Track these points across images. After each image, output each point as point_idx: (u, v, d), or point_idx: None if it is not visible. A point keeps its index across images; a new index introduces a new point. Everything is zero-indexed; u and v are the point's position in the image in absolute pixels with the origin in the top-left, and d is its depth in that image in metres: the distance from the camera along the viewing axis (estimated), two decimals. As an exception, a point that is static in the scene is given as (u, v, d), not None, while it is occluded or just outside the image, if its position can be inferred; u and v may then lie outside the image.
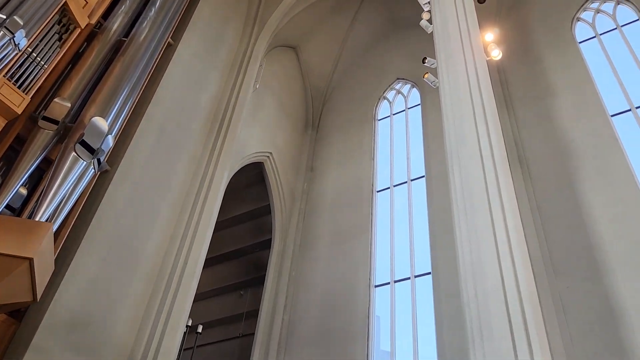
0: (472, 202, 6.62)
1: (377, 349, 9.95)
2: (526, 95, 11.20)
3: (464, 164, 7.15)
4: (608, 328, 7.41)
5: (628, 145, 9.28)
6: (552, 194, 9.32)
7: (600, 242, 8.28)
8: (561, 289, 8.08)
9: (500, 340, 5.06)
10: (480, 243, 6.06)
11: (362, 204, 11.99)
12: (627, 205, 8.44)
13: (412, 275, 10.16)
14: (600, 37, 11.35)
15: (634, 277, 7.68)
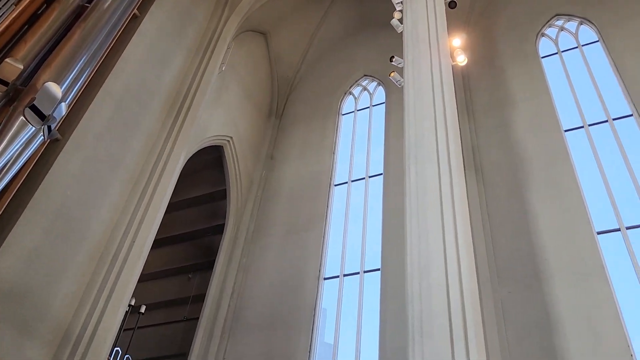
0: (424, 203, 6.73)
1: (321, 341, 10.02)
2: (487, 103, 11.46)
3: (420, 165, 7.26)
4: (544, 334, 7.69)
5: (577, 161, 9.64)
6: (503, 201, 9.58)
7: (543, 251, 8.58)
8: (503, 293, 8.34)
9: (439, 339, 5.17)
10: (429, 243, 6.18)
11: (319, 196, 12.02)
12: (571, 218, 8.77)
13: (362, 271, 10.27)
14: (562, 54, 11.72)
15: (571, 288, 7.99)
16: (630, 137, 9.49)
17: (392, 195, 10.87)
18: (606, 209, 8.80)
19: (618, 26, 11.17)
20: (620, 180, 9.03)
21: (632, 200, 8.69)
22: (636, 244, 8.20)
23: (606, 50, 10.97)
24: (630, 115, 9.74)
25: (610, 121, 9.91)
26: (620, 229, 8.42)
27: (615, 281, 7.93)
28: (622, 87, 10.14)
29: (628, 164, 9.10)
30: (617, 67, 10.48)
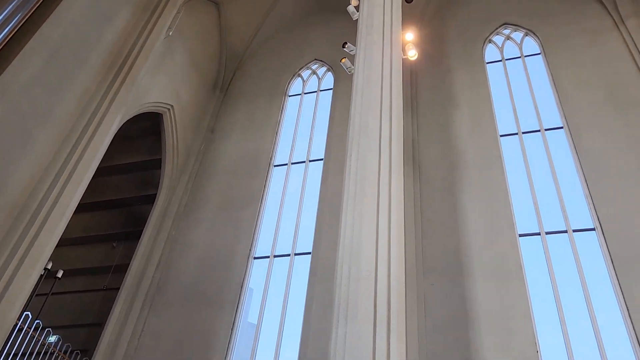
0: (362, 190, 6.77)
1: (245, 320, 9.96)
2: (431, 101, 11.71)
3: (362, 153, 7.29)
4: (460, 327, 8.01)
5: (509, 165, 10.07)
6: (436, 198, 9.85)
7: (468, 248, 8.91)
8: (426, 285, 8.60)
9: (362, 322, 5.24)
10: (362, 230, 6.23)
11: (257, 175, 11.87)
12: (497, 219, 9.15)
13: (293, 253, 10.26)
14: (506, 62, 12.15)
15: (490, 285, 8.36)
16: (559, 149, 10.01)
17: (331, 181, 10.92)
18: (530, 213, 9.25)
19: (559, 42, 11.71)
20: (545, 188, 9.52)
21: (554, 207, 9.19)
22: (553, 248, 8.69)
23: (546, 64, 11.48)
24: (560, 128, 10.26)
25: (542, 131, 10.40)
26: (541, 233, 8.89)
27: (530, 282, 8.37)
28: (557, 100, 10.66)
29: (554, 174, 9.60)
30: (554, 81, 10.99)
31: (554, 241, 8.79)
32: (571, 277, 8.30)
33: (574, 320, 7.85)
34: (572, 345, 7.57)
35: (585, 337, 7.65)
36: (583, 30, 11.65)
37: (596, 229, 8.56)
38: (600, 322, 7.67)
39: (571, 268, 8.39)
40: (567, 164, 9.68)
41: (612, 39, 11.16)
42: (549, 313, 8.02)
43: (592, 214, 8.76)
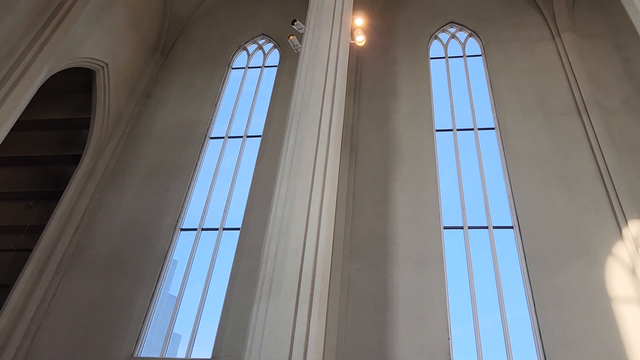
0: (297, 169, 6.74)
1: (165, 292, 9.72)
2: (373, 89, 11.83)
3: (300, 133, 7.24)
4: (379, 310, 8.23)
5: (441, 160, 10.38)
6: (369, 185, 10.00)
7: (394, 236, 9.14)
8: (351, 269, 8.74)
9: (285, 299, 5.24)
10: (294, 208, 6.21)
11: (192, 146, 11.54)
12: (424, 211, 9.43)
13: (221, 227, 10.10)
14: (449, 60, 12.47)
15: (412, 273, 8.62)
16: (489, 148, 10.44)
17: (266, 159, 10.81)
18: (455, 207, 9.61)
19: (499, 46, 12.15)
20: (472, 185, 9.91)
21: (478, 203, 9.59)
22: (473, 242, 9.08)
23: (486, 66, 11.89)
24: (492, 129, 10.70)
25: (475, 130, 10.80)
26: (464, 227, 9.26)
27: (449, 273, 8.72)
28: (492, 102, 11.09)
29: (482, 172, 10.01)
30: (491, 83, 11.41)
31: (475, 235, 9.20)
32: (487, 271, 8.73)
33: (485, 312, 8.27)
34: (481, 335, 7.98)
35: (494, 328, 8.09)
36: (522, 38, 12.14)
37: (514, 227, 9.02)
38: (509, 315, 8.12)
39: (488, 262, 8.81)
40: (494, 163, 10.12)
41: (547, 49, 11.71)
42: (464, 303, 8.40)
43: (512, 212, 9.23)
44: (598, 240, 8.46)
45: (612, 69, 10.93)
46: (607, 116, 9.96)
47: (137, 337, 8.63)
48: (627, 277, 7.99)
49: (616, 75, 10.80)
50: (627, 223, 8.38)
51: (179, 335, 9.01)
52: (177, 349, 9.02)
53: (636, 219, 8.32)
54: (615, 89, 10.52)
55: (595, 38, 11.65)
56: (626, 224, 8.39)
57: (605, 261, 8.22)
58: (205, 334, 9.15)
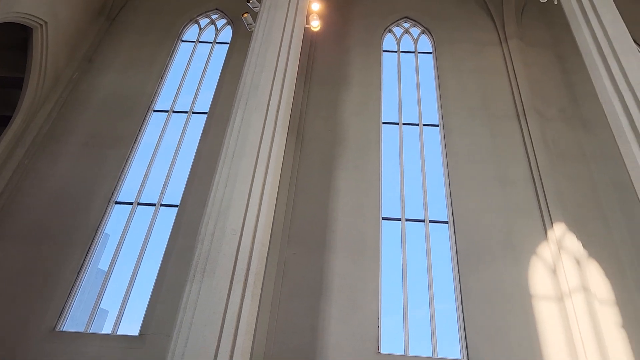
0: (242, 150, 6.65)
1: (94, 266, 9.38)
2: (324, 76, 11.81)
3: (248, 113, 7.14)
4: (313, 296, 8.31)
5: (385, 152, 10.55)
6: (313, 171, 10.02)
7: (334, 224, 9.22)
8: (288, 253, 8.76)
9: (219, 279, 5.18)
10: (235, 188, 6.13)
11: (134, 117, 11.12)
12: (365, 200, 9.56)
13: (159, 203, 9.83)
14: (401, 54, 12.63)
15: (348, 261, 8.74)
16: (432, 145, 10.70)
17: (211, 137, 10.59)
18: (395, 199, 9.82)
19: (449, 46, 12.42)
20: (413, 179, 10.14)
21: (417, 198, 9.84)
22: (410, 234, 9.32)
23: (435, 64, 12.14)
24: (437, 126, 10.96)
25: (420, 126, 11.03)
26: (402, 219, 9.48)
27: (384, 263, 8.91)
28: (438, 100, 11.35)
29: (423, 167, 10.25)
30: (439, 81, 11.67)
31: (412, 228, 9.43)
32: (421, 263, 8.99)
33: (416, 303, 8.52)
34: (409, 325, 8.23)
35: (423, 319, 8.36)
36: (472, 40, 12.47)
37: (449, 222, 9.32)
38: (437, 307, 8.41)
39: (422, 255, 9.07)
40: (436, 159, 10.39)
41: (495, 53, 12.10)
42: (396, 293, 8.62)
43: (448, 208, 9.52)
44: (525, 240, 8.88)
45: (552, 79, 11.45)
46: (543, 123, 10.44)
47: (61, 311, 8.28)
48: (548, 277, 8.45)
49: (555, 85, 11.31)
50: (552, 225, 8.85)
51: (106, 310, 8.76)
52: (103, 325, 8.75)
53: (561, 222, 8.80)
54: (553, 98, 11.03)
55: (540, 47, 12.15)
56: (552, 226, 8.86)
57: (530, 260, 8.65)
58: (133, 311, 8.93)
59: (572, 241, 8.54)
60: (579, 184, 9.53)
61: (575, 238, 8.59)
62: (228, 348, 4.79)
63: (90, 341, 7.90)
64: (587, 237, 8.73)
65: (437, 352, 7.89)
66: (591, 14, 7.88)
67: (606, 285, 8.25)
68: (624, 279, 8.30)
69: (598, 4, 7.85)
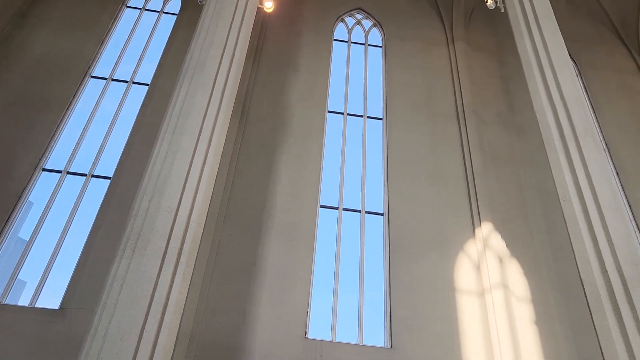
0: (184, 126, 6.47)
1: (14, 235, 8.88)
2: (273, 59, 11.69)
3: (193, 88, 6.95)
4: (244, 279, 8.28)
5: (328, 141, 10.62)
6: (254, 154, 9.93)
7: (272, 208, 9.20)
8: (223, 234, 8.67)
9: (150, 257, 5.05)
10: (174, 165, 5.97)
11: (69, 81, 10.55)
12: (304, 187, 9.60)
13: (90, 174, 9.41)
14: (351, 45, 12.71)
15: (282, 246, 8.76)
16: (374, 137, 10.87)
17: (151, 110, 10.24)
18: (334, 188, 9.93)
19: (399, 42, 12.61)
20: (353, 169, 10.29)
21: (356, 188, 10.00)
22: (346, 224, 9.48)
23: (384, 58, 12.30)
24: (380, 119, 11.14)
25: (364, 117, 11.18)
26: (339, 208, 9.60)
27: (318, 250, 9.01)
28: (384, 93, 11.53)
29: (364, 158, 10.41)
30: (386, 76, 11.84)
31: (349, 218, 9.59)
32: (354, 252, 9.16)
33: (346, 291, 8.68)
34: (338, 312, 8.38)
35: (352, 307, 8.54)
36: (421, 38, 12.72)
37: (384, 215, 9.54)
38: (366, 297, 8.60)
39: (356, 245, 9.24)
40: (377, 152, 10.58)
41: (441, 53, 12.41)
42: (328, 280, 8.75)
43: (384, 200, 9.74)
44: (454, 236, 9.25)
45: (493, 84, 11.90)
46: (481, 125, 10.85)
47: (-26, 280, 7.80)
48: (472, 272, 8.86)
49: (495, 90, 11.78)
50: (480, 224, 9.26)
51: (24, 282, 8.36)
52: (19, 296, 8.31)
53: (489, 221, 9.23)
54: (492, 102, 11.48)
55: (483, 52, 12.58)
56: (480, 225, 9.27)
57: (457, 256, 9.03)
58: (55, 284, 8.56)
59: (497, 240, 8.98)
60: (507, 186, 10.01)
61: (500, 237, 9.04)
62: (154, 327, 4.69)
63: (4, 312, 7.50)
64: (510, 238, 9.20)
65: (363, 339, 8.10)
66: (534, 25, 8.23)
67: (524, 283, 8.75)
68: (540, 278, 8.84)
69: (541, 16, 8.21)
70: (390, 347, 7.91)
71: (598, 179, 6.26)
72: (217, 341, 7.63)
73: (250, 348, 7.60)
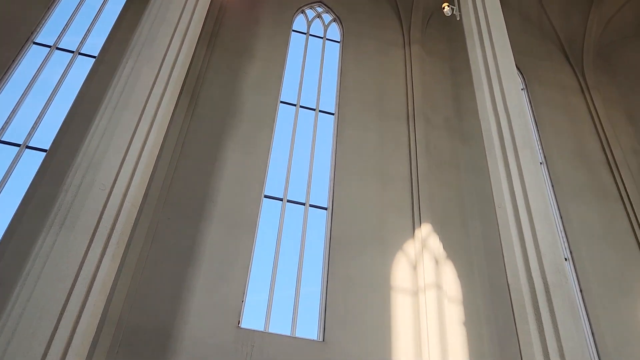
0: (127, 101, 6.25)
1: None
2: (229, 43, 11.49)
3: (140, 64, 6.72)
4: (181, 264, 8.13)
5: (278, 131, 10.56)
6: (200, 137, 9.75)
7: (215, 194, 9.07)
8: (162, 217, 8.45)
9: (79, 233, 4.85)
10: (113, 141, 5.76)
11: (8, 46, 10.00)
12: (250, 176, 9.52)
13: (24, 144, 8.95)
14: (309, 37, 12.67)
15: (223, 232, 8.65)
16: (325, 132, 10.89)
17: (96, 83, 9.85)
18: (280, 179, 9.88)
19: (356, 39, 12.65)
20: (302, 162, 10.27)
21: (302, 181, 9.98)
22: (289, 215, 9.46)
23: (341, 54, 12.32)
24: (332, 114, 11.16)
25: (317, 111, 11.18)
26: (283, 199, 9.57)
27: (259, 240, 8.95)
28: (338, 89, 11.55)
29: (313, 152, 10.42)
30: (341, 72, 11.87)
31: (293, 210, 9.57)
32: (295, 245, 9.14)
33: (284, 283, 8.66)
34: (274, 303, 8.36)
35: (288, 300, 8.53)
36: (379, 38, 12.82)
37: (327, 209, 9.58)
38: (303, 290, 8.61)
39: (297, 237, 9.23)
40: (326, 147, 10.59)
41: (397, 55, 12.54)
42: (266, 271, 8.70)
43: (329, 195, 9.77)
44: (394, 235, 9.40)
45: (443, 89, 12.16)
46: (429, 129, 11.06)
47: None
48: (408, 272, 9.03)
49: (445, 95, 12.04)
50: (420, 225, 9.46)
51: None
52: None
53: (428, 223, 9.42)
54: (441, 107, 11.73)
55: (437, 57, 12.82)
56: (420, 226, 9.46)
57: (396, 254, 9.18)
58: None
59: (435, 242, 9.20)
60: (449, 190, 10.26)
61: (438, 239, 9.26)
62: (77, 307, 4.51)
63: None
64: (447, 240, 9.44)
65: (296, 331, 8.11)
66: (486, 36, 8.43)
67: (456, 285, 9.02)
68: (472, 281, 9.13)
69: (493, 28, 8.42)
70: (323, 341, 7.97)
71: (532, 190, 6.48)
72: (147, 326, 7.44)
73: (180, 334, 7.46)
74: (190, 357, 7.27)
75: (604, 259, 9.96)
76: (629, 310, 9.38)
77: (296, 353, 7.67)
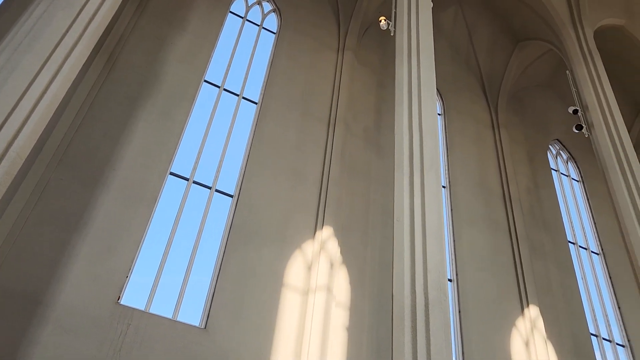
0: (32, 44, 5.86)
1: None
2: (161, 11, 11.06)
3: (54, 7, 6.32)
4: (66, 229, 7.60)
5: (197, 109, 10.26)
6: (113, 102, 9.25)
7: (117, 162, 8.59)
8: (54, 177, 7.82)
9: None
10: (8, 83, 5.30)
11: None
12: (160, 150, 9.16)
13: None
14: (246, 22, 12.45)
15: (117, 204, 8.22)
16: (245, 119, 10.71)
17: (3, 21, 9.02)
18: (191, 159, 9.57)
19: (292, 34, 12.59)
20: (216, 146, 10.03)
21: (212, 164, 9.74)
22: (192, 197, 9.19)
23: (274, 46, 12.19)
24: (255, 103, 11.01)
25: (240, 97, 10.98)
26: (189, 179, 9.28)
27: (157, 217, 8.62)
28: (266, 79, 11.42)
29: (229, 138, 10.21)
30: (272, 63, 11.74)
31: (197, 192, 9.30)
32: (194, 228, 8.89)
33: (175, 267, 8.37)
34: (161, 284, 8.06)
35: (176, 281, 8.26)
36: (316, 37, 12.84)
37: (233, 197, 9.42)
38: (193, 277, 8.36)
39: (197, 221, 8.97)
40: (243, 135, 10.42)
41: (330, 58, 12.62)
42: (158, 250, 8.37)
43: (237, 183, 9.60)
44: (296, 233, 9.41)
45: (367, 100, 12.40)
46: (347, 136, 11.22)
47: None
48: (303, 271, 9.08)
49: (368, 107, 12.28)
50: (322, 227, 9.55)
51: None
52: None
53: (330, 227, 9.54)
54: (363, 117, 11.95)
55: (367, 68, 13.06)
56: (322, 228, 9.55)
57: (293, 252, 9.20)
58: None
59: (333, 246, 9.32)
60: (356, 198, 10.46)
61: (337, 244, 9.39)
62: None
63: None
64: (346, 246, 9.61)
65: (178, 315, 7.87)
66: (414, 56, 8.68)
67: (346, 290, 9.19)
68: (362, 289, 9.35)
69: (422, 50, 8.69)
70: (204, 328, 7.78)
71: (430, 210, 6.73)
72: (16, 289, 6.89)
73: (52, 302, 6.97)
74: (58, 327, 6.81)
75: (485, 286, 10.60)
76: (500, 337, 10.03)
77: (174, 337, 7.43)
